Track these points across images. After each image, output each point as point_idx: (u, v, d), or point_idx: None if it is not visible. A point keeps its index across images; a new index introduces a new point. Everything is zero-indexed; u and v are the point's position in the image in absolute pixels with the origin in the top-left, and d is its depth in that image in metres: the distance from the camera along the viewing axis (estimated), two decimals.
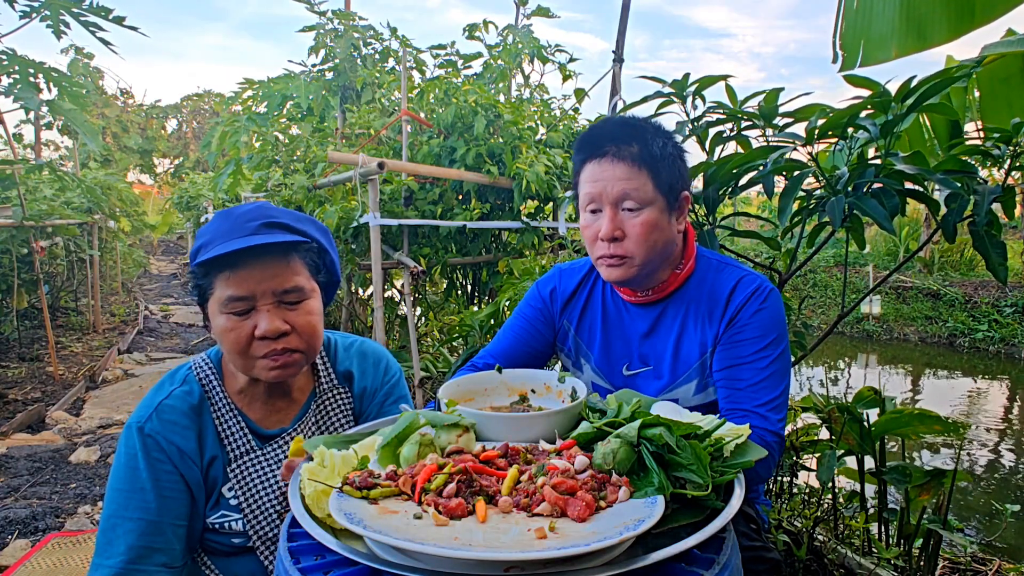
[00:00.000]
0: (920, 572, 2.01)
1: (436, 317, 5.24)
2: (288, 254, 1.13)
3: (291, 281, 1.12)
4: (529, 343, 1.48)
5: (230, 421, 1.19)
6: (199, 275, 1.12)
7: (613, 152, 1.25)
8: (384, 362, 1.37)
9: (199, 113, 24.31)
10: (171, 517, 1.12)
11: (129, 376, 5.77)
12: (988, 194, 1.63)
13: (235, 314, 1.09)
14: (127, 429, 1.15)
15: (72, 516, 3.06)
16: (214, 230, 1.12)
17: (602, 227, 1.26)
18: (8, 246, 5.66)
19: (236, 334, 1.09)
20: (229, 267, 1.09)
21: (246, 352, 1.11)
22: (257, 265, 1.09)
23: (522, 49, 5.44)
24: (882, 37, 2.28)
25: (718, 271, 1.37)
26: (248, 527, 1.17)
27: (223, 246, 1.06)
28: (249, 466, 1.19)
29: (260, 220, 1.11)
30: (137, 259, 12.42)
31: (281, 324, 1.10)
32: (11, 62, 3.41)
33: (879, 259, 11.89)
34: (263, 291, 1.09)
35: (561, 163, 4.23)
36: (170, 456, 1.13)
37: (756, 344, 1.28)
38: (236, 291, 1.08)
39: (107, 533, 1.10)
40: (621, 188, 1.24)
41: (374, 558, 0.72)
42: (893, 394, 2.82)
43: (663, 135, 1.29)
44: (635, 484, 0.80)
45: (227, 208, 1.23)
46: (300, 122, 5.87)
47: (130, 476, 1.12)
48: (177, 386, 1.19)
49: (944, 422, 1.98)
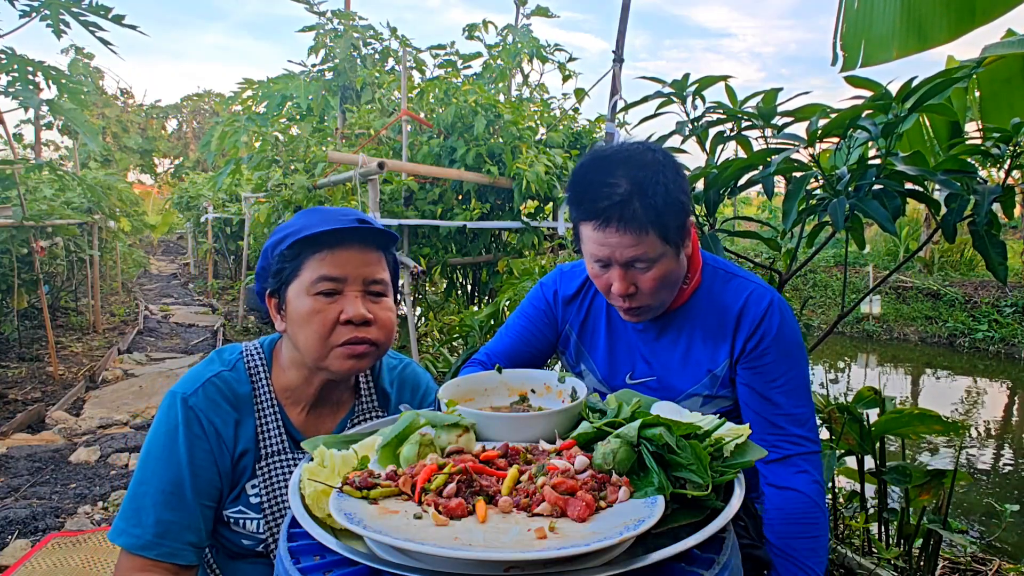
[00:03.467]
0: (920, 572, 2.01)
1: (436, 317, 5.24)
2: (381, 248, 1.18)
3: (380, 273, 1.16)
4: (531, 343, 1.47)
5: (270, 418, 1.18)
6: (288, 257, 1.13)
7: (616, 220, 1.16)
8: (423, 390, 1.36)
9: (199, 113, 24.31)
10: (201, 496, 1.11)
11: (129, 376, 5.77)
12: (988, 194, 1.63)
13: (324, 294, 1.11)
14: (170, 397, 1.14)
15: (72, 516, 3.06)
16: (304, 221, 1.14)
17: (613, 283, 1.24)
18: (8, 246, 5.66)
19: (323, 316, 1.10)
20: (328, 247, 1.11)
21: (327, 337, 1.11)
22: (355, 249, 1.13)
23: (522, 49, 5.44)
24: (883, 37, 2.28)
25: (724, 282, 1.35)
26: (266, 530, 1.16)
27: (325, 226, 1.09)
28: (278, 467, 1.17)
29: (355, 215, 1.15)
30: (137, 259, 12.42)
31: (367, 312, 1.12)
32: (10, 61, 3.41)
33: (879, 259, 11.89)
34: (355, 276, 1.12)
35: (561, 163, 4.23)
36: (207, 435, 1.12)
37: (782, 365, 1.29)
38: (331, 271, 1.10)
39: (136, 500, 1.09)
40: (630, 254, 1.19)
41: (374, 558, 0.72)
42: (893, 394, 2.82)
43: (661, 170, 1.18)
44: (635, 484, 0.80)
45: (312, 207, 1.28)
46: (300, 122, 5.87)
47: (168, 445, 1.11)
48: (227, 368, 1.18)
49: (944, 422, 1.98)
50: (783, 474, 1.28)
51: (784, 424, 1.29)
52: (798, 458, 1.28)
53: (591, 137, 4.96)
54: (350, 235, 1.12)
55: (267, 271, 1.18)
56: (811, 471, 1.28)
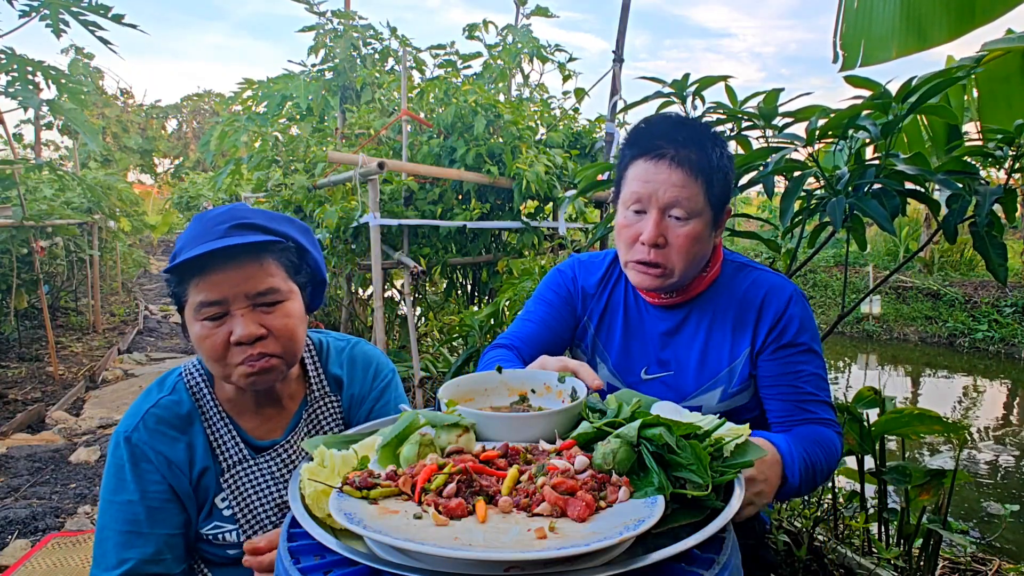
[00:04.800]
0: (920, 572, 2.01)
1: (436, 317, 5.24)
2: (260, 255, 1.09)
3: (265, 283, 1.08)
4: (554, 328, 1.43)
5: (222, 431, 1.17)
6: (173, 283, 1.09)
7: (672, 155, 1.19)
8: (374, 366, 1.33)
9: (199, 113, 24.31)
10: (161, 528, 1.10)
11: (129, 376, 5.77)
12: (989, 195, 1.63)
13: (209, 320, 1.06)
14: (115, 437, 1.13)
15: (72, 516, 3.06)
16: (187, 236, 1.09)
17: (645, 230, 1.21)
18: (8, 246, 5.66)
19: (212, 341, 1.06)
20: (199, 272, 1.05)
21: (223, 359, 1.08)
22: (228, 268, 1.05)
23: (521, 49, 5.44)
24: (882, 37, 2.28)
25: (744, 275, 1.35)
26: (243, 538, 1.15)
27: (191, 251, 1.04)
28: (243, 476, 1.16)
29: (230, 222, 1.08)
30: (137, 259, 12.43)
31: (256, 328, 1.06)
32: (10, 61, 3.41)
33: (879, 259, 11.89)
34: (236, 295, 1.06)
35: (561, 163, 4.23)
36: (158, 466, 1.11)
37: (808, 355, 1.29)
38: (208, 296, 1.05)
39: (101, 544, 1.10)
40: (674, 194, 1.19)
41: (374, 558, 0.72)
42: (893, 394, 2.82)
43: (720, 144, 1.24)
44: (635, 484, 0.80)
45: (202, 211, 1.20)
46: (300, 122, 5.87)
47: (118, 487, 1.10)
48: (166, 394, 1.16)
49: (944, 422, 1.97)
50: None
51: (814, 409, 1.28)
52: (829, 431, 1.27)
53: (591, 137, 4.95)
54: (220, 255, 1.05)
55: (168, 290, 1.14)
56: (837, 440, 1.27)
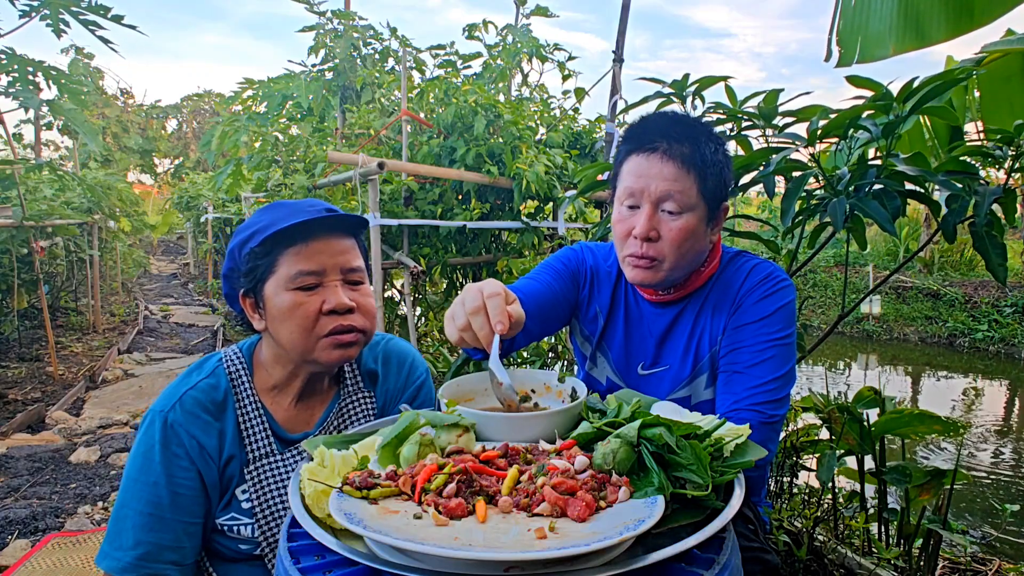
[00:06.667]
0: (920, 572, 2.01)
1: (436, 317, 5.24)
2: (354, 234, 1.17)
3: (357, 260, 1.16)
4: (557, 293, 1.40)
5: (254, 420, 1.16)
6: (259, 255, 1.11)
7: (663, 149, 1.21)
8: (409, 363, 1.34)
9: (199, 113, 24.30)
10: (182, 515, 1.10)
11: (129, 376, 5.77)
12: (989, 195, 1.63)
13: (303, 289, 1.10)
14: (149, 415, 1.12)
15: (72, 516, 3.06)
16: (271, 216, 1.12)
17: (638, 224, 1.23)
18: (8, 246, 5.65)
19: (305, 309, 1.09)
20: (301, 240, 1.10)
21: (311, 329, 1.10)
22: (328, 240, 1.12)
23: (521, 49, 5.44)
24: (880, 34, 2.28)
25: (735, 265, 1.35)
26: (259, 533, 1.14)
27: (294, 219, 1.07)
28: (267, 470, 1.16)
29: (323, 205, 1.14)
30: (137, 259, 12.42)
31: (349, 300, 1.11)
32: (10, 61, 3.41)
33: (879, 259, 11.89)
34: (333, 266, 1.11)
35: (561, 163, 4.23)
36: (189, 451, 1.11)
37: (757, 328, 1.25)
38: (307, 265, 1.09)
39: (118, 522, 1.08)
40: (665, 188, 1.20)
41: (374, 558, 0.72)
42: (893, 394, 2.82)
43: (715, 140, 1.25)
44: (635, 484, 0.80)
45: (274, 201, 1.25)
46: (300, 122, 5.87)
47: (145, 467, 1.09)
48: (204, 376, 1.16)
49: (944, 422, 1.97)
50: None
51: (737, 384, 1.23)
52: (746, 411, 1.20)
53: (591, 137, 4.96)
54: (321, 225, 1.11)
55: (236, 272, 1.16)
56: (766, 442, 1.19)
